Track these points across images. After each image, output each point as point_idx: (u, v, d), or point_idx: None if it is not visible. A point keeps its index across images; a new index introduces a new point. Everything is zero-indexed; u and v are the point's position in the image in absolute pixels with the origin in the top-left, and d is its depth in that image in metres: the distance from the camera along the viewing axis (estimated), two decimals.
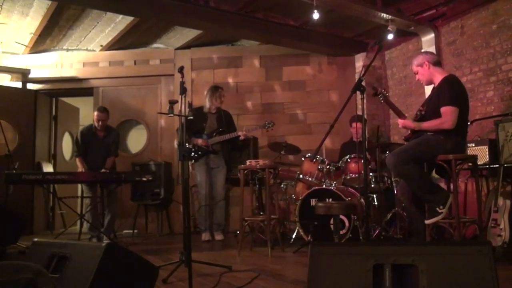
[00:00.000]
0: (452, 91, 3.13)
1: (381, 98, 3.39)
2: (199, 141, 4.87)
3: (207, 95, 5.03)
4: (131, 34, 5.70)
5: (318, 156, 4.37)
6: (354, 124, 4.72)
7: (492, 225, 3.27)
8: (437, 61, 3.34)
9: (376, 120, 5.69)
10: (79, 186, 5.71)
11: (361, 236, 3.82)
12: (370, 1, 4.49)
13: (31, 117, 6.11)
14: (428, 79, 3.34)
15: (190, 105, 3.18)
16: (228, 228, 5.57)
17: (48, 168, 6.15)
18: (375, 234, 3.99)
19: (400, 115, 3.38)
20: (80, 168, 4.96)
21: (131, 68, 6.29)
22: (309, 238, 4.02)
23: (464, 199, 4.12)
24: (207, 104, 4.99)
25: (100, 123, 4.99)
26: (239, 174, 4.04)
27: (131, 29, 5.48)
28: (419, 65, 3.33)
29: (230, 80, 6.10)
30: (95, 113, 5.06)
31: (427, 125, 3.21)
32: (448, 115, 3.08)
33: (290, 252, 3.87)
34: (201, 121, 4.92)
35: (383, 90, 3.40)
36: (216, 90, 5.01)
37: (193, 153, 4.85)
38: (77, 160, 5.02)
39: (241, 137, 4.82)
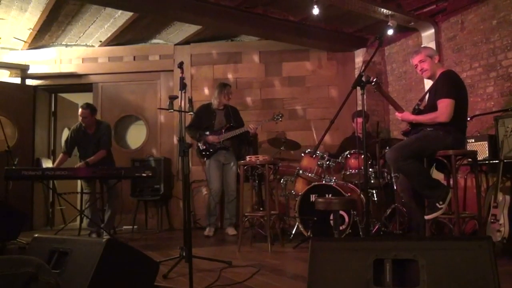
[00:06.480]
0: (448, 84, 3.15)
1: (374, 86, 3.25)
2: (211, 138, 4.89)
3: (216, 92, 5.09)
4: (130, 30, 5.67)
5: (318, 152, 4.38)
6: (356, 120, 4.72)
7: (492, 220, 3.28)
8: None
9: (375, 115, 5.68)
10: (79, 181, 5.71)
11: (360, 231, 3.83)
12: None
13: (30, 113, 6.10)
14: (432, 72, 3.34)
15: (190, 100, 3.19)
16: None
17: (47, 164, 6.14)
18: (374, 229, 4.00)
19: (397, 107, 3.38)
20: (56, 163, 4.88)
21: (131, 64, 6.27)
22: (308, 233, 4.03)
23: (463, 195, 4.13)
24: (215, 101, 5.04)
25: (81, 119, 4.84)
26: (238, 170, 4.04)
27: (130, 24, 5.46)
28: (429, 56, 3.33)
29: (230, 76, 6.08)
30: (79, 110, 4.94)
31: (423, 118, 3.22)
32: (443, 107, 3.09)
33: (290, 247, 3.87)
34: (210, 118, 4.97)
35: (376, 78, 3.23)
36: (224, 87, 5.06)
37: (203, 151, 4.88)
38: (60, 155, 4.97)
39: (252, 131, 4.86)
